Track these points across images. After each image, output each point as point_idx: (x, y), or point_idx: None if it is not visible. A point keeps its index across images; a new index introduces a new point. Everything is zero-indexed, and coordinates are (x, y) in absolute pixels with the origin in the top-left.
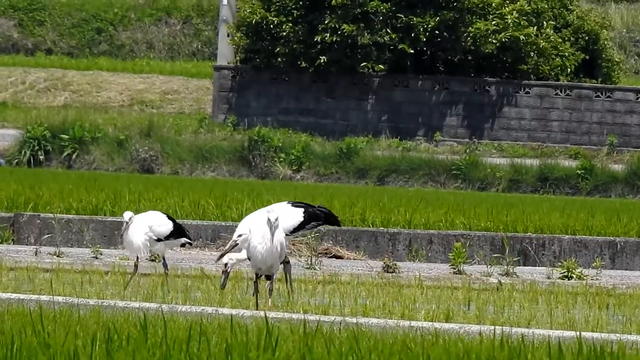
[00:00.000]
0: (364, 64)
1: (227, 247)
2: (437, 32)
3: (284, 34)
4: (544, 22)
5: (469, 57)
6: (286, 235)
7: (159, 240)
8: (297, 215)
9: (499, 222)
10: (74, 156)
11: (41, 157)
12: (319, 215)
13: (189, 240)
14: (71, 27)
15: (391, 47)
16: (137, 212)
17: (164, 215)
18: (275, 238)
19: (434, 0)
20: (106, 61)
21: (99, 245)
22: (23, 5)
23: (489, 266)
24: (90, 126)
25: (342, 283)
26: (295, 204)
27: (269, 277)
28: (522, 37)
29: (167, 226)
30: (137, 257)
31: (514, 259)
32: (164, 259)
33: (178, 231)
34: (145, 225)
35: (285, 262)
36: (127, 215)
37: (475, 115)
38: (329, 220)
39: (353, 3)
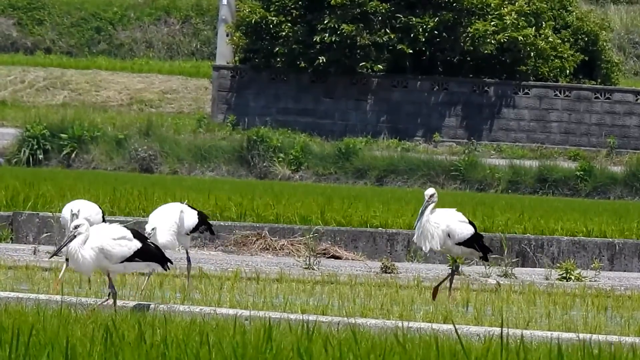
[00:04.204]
0: (363, 64)
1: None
2: (436, 32)
3: (283, 34)
4: (543, 23)
5: (468, 58)
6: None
7: None
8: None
9: (497, 223)
10: (73, 155)
11: (40, 156)
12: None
13: None
14: (70, 26)
15: (390, 48)
16: (135, 210)
17: None
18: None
19: (433, 1)
20: (105, 60)
21: None
22: (22, 4)
23: (487, 267)
24: (89, 125)
25: (340, 283)
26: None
27: None
28: (521, 38)
29: None
30: None
31: (513, 260)
32: None
33: None
34: None
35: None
36: None
37: (474, 116)
38: None
39: (352, 3)
